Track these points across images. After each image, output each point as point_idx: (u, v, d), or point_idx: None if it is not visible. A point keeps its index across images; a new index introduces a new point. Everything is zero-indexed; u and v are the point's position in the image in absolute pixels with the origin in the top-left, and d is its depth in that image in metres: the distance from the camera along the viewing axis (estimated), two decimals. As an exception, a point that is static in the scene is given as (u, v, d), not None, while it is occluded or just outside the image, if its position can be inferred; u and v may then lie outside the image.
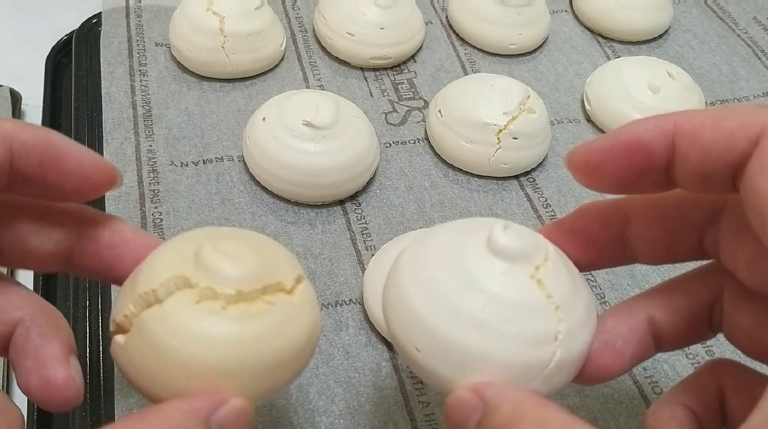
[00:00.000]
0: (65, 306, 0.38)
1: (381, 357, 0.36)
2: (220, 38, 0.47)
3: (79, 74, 0.48)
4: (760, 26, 0.59)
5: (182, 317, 0.23)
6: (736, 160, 0.21)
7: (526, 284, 0.24)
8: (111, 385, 0.34)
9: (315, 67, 0.50)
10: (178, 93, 0.47)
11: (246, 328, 0.23)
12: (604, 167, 0.24)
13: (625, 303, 0.27)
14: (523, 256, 0.24)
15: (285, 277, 0.25)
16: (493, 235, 0.24)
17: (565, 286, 0.24)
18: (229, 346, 0.23)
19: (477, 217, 0.28)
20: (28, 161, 0.23)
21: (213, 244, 0.24)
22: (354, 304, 0.38)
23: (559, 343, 0.23)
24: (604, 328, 0.25)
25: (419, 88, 0.50)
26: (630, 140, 0.23)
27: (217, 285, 0.23)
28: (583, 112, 0.50)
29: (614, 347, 0.25)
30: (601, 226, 0.26)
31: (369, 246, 0.41)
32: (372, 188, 0.44)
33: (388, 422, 0.34)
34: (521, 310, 0.23)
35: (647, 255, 0.26)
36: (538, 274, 0.24)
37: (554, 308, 0.24)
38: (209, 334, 0.23)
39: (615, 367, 0.25)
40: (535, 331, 0.23)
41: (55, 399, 0.23)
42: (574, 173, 0.24)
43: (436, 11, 0.56)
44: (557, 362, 0.23)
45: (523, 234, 0.24)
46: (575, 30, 0.56)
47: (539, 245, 0.25)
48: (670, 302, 0.26)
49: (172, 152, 0.44)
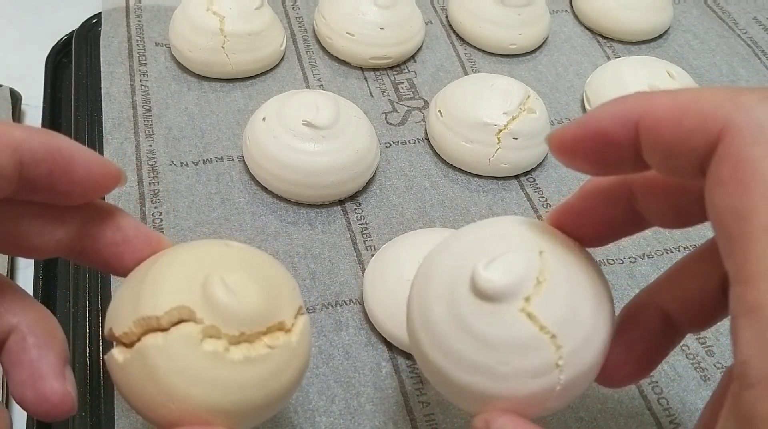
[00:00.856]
0: (65, 306, 0.38)
1: (381, 357, 0.36)
2: (220, 38, 0.47)
3: (79, 74, 0.48)
4: (760, 26, 0.59)
5: (185, 355, 0.23)
6: (699, 160, 0.20)
7: (516, 321, 0.23)
8: (111, 386, 0.34)
9: (315, 67, 0.50)
10: (178, 93, 0.47)
11: (246, 375, 0.24)
12: (577, 155, 0.23)
13: (637, 300, 0.26)
14: (508, 293, 0.23)
15: (286, 315, 0.25)
16: (475, 277, 0.23)
17: (561, 310, 0.23)
18: (228, 391, 0.23)
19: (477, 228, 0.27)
20: (37, 171, 0.23)
21: (220, 276, 0.24)
22: (354, 304, 0.38)
23: (562, 368, 0.23)
24: (622, 331, 0.25)
25: (419, 88, 0.50)
26: (596, 132, 0.22)
27: (222, 324, 0.24)
28: (583, 112, 0.50)
29: (635, 352, 0.25)
30: (609, 205, 0.25)
31: (369, 246, 0.41)
32: (372, 188, 0.44)
33: (388, 422, 0.34)
34: (514, 349, 0.23)
35: (660, 223, 0.25)
36: (529, 306, 0.23)
37: (549, 338, 0.23)
38: (210, 378, 0.23)
39: (639, 371, 0.25)
40: (532, 366, 0.23)
41: (51, 412, 0.23)
42: (554, 156, 0.24)
43: (436, 11, 0.56)
44: (564, 384, 0.23)
45: (508, 268, 0.23)
46: (575, 30, 0.56)
47: (528, 273, 0.24)
48: (681, 292, 0.25)
49: (172, 152, 0.44)
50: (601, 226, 0.26)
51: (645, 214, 0.25)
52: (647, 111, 0.21)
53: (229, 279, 0.24)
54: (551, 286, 0.24)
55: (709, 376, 0.37)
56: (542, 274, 0.24)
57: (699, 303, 0.25)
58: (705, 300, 0.25)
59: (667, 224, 0.25)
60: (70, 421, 0.34)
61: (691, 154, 0.20)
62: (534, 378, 0.23)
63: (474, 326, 0.23)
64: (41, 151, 0.23)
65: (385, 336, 0.36)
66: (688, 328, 0.26)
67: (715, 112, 0.19)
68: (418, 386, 0.36)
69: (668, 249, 0.43)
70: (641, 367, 0.26)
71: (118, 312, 0.25)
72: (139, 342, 0.23)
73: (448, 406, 0.35)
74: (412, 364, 0.36)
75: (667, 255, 0.42)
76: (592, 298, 0.24)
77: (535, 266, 0.24)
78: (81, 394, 0.34)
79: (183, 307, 0.23)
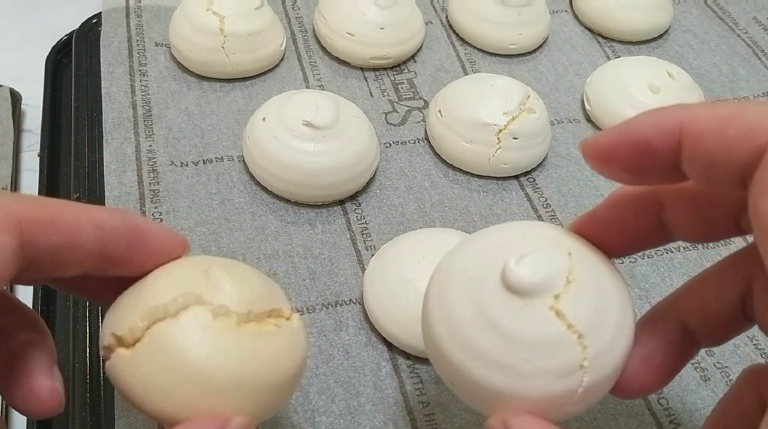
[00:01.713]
0: (65, 306, 0.38)
1: (381, 357, 0.36)
2: (220, 38, 0.47)
3: (79, 74, 0.48)
4: (760, 26, 0.59)
5: (200, 330, 0.23)
6: (740, 170, 0.20)
7: (545, 318, 0.23)
8: (110, 386, 0.34)
9: (315, 67, 0.50)
10: (178, 93, 0.47)
11: (259, 346, 0.24)
12: (613, 163, 0.23)
13: (655, 310, 0.26)
14: (539, 289, 0.23)
15: (283, 305, 0.26)
16: (506, 272, 0.23)
17: (589, 310, 0.23)
18: (243, 362, 0.23)
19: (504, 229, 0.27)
20: (116, 246, 0.24)
21: (219, 265, 0.25)
22: (354, 304, 0.38)
23: (586, 369, 0.23)
24: (640, 341, 0.25)
25: (419, 88, 0.50)
26: (635, 140, 0.22)
27: (231, 303, 0.24)
28: (583, 112, 0.50)
29: (654, 362, 0.25)
30: (636, 215, 0.25)
31: (369, 246, 0.41)
32: (372, 188, 0.44)
33: (388, 422, 0.34)
34: (540, 346, 0.23)
35: (685, 236, 0.25)
36: (558, 304, 0.23)
37: (576, 337, 0.23)
38: (227, 349, 0.23)
39: (657, 382, 0.25)
40: (557, 365, 0.23)
41: (38, 409, 0.24)
42: (588, 163, 0.24)
43: (436, 11, 0.56)
44: (586, 386, 0.23)
45: (540, 264, 0.23)
46: (575, 30, 0.56)
47: (559, 270, 0.23)
48: (700, 304, 0.25)
49: (172, 152, 0.44)
50: (627, 236, 0.26)
51: (671, 226, 0.25)
52: (690, 121, 0.21)
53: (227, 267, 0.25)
54: (580, 286, 0.23)
55: (709, 376, 0.37)
56: (572, 274, 0.24)
57: (718, 316, 0.25)
58: (724, 314, 0.25)
59: (692, 237, 0.25)
60: (70, 421, 0.34)
61: (732, 164, 0.20)
62: (557, 378, 0.23)
63: (500, 322, 0.23)
64: (120, 226, 0.24)
65: (385, 336, 0.36)
66: (706, 341, 0.26)
67: (762, 122, 0.20)
68: (418, 386, 0.36)
69: (668, 249, 0.43)
70: (658, 378, 0.25)
71: (117, 316, 0.25)
72: (149, 330, 0.23)
73: (448, 406, 0.35)
74: (412, 364, 0.36)
75: (667, 255, 0.42)
76: (617, 303, 0.24)
77: (565, 266, 0.24)
78: (81, 394, 0.34)
79: (190, 294, 0.24)
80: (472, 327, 0.24)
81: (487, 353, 0.23)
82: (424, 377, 0.36)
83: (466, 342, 0.24)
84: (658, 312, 0.26)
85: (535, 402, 0.23)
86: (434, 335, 0.25)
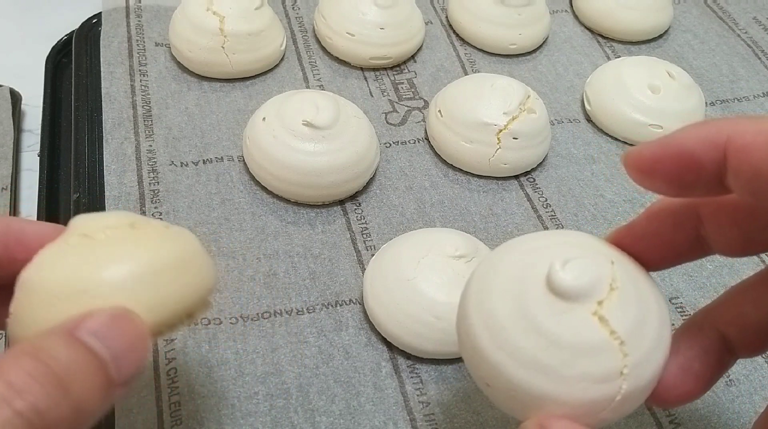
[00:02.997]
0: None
1: (381, 357, 0.36)
2: (220, 38, 0.47)
3: (79, 74, 0.48)
4: (760, 26, 0.59)
5: (52, 253, 0.24)
6: None
7: (588, 323, 0.23)
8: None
9: (315, 67, 0.50)
10: (178, 93, 0.47)
11: (119, 240, 0.24)
12: (656, 175, 0.23)
13: (694, 320, 0.26)
14: (584, 293, 0.23)
15: (156, 224, 0.26)
16: (552, 274, 0.23)
17: (631, 318, 0.23)
18: (103, 264, 0.23)
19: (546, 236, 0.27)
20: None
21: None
22: (354, 304, 0.38)
23: (626, 376, 0.23)
24: (678, 350, 0.25)
25: (419, 88, 0.50)
26: (680, 152, 0.22)
27: (90, 232, 0.24)
28: (583, 112, 0.50)
29: (693, 371, 0.25)
30: (675, 228, 0.25)
31: (369, 246, 0.41)
32: (372, 188, 0.44)
33: (388, 422, 0.34)
34: (582, 351, 0.23)
35: (724, 251, 0.25)
36: (601, 310, 0.23)
37: (618, 344, 0.23)
38: (73, 260, 0.23)
39: (696, 391, 0.25)
40: (598, 370, 0.23)
41: None
42: (629, 175, 0.24)
43: (436, 11, 0.56)
44: (624, 394, 0.23)
45: (585, 269, 0.23)
46: (575, 30, 0.56)
47: (604, 276, 0.24)
48: (738, 315, 0.25)
49: (172, 152, 0.44)
50: (664, 249, 0.26)
51: (709, 240, 0.25)
52: (736, 134, 0.21)
53: None
54: (623, 293, 0.24)
55: (709, 376, 0.37)
56: (615, 282, 0.24)
57: (756, 328, 0.25)
58: (762, 325, 0.25)
59: (729, 250, 0.25)
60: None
61: None
62: (597, 384, 0.23)
63: (543, 324, 0.23)
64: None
65: (385, 336, 0.36)
66: (743, 352, 0.26)
67: None
68: (418, 386, 0.36)
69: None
70: (696, 387, 0.25)
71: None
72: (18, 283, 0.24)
73: (448, 406, 0.35)
74: (412, 364, 0.36)
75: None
76: (656, 313, 0.24)
77: (609, 273, 0.24)
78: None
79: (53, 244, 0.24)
80: (515, 328, 0.24)
81: (529, 353, 0.23)
82: (424, 377, 0.36)
83: (508, 342, 0.24)
84: (696, 322, 0.26)
85: (573, 407, 0.23)
86: (473, 336, 0.25)
